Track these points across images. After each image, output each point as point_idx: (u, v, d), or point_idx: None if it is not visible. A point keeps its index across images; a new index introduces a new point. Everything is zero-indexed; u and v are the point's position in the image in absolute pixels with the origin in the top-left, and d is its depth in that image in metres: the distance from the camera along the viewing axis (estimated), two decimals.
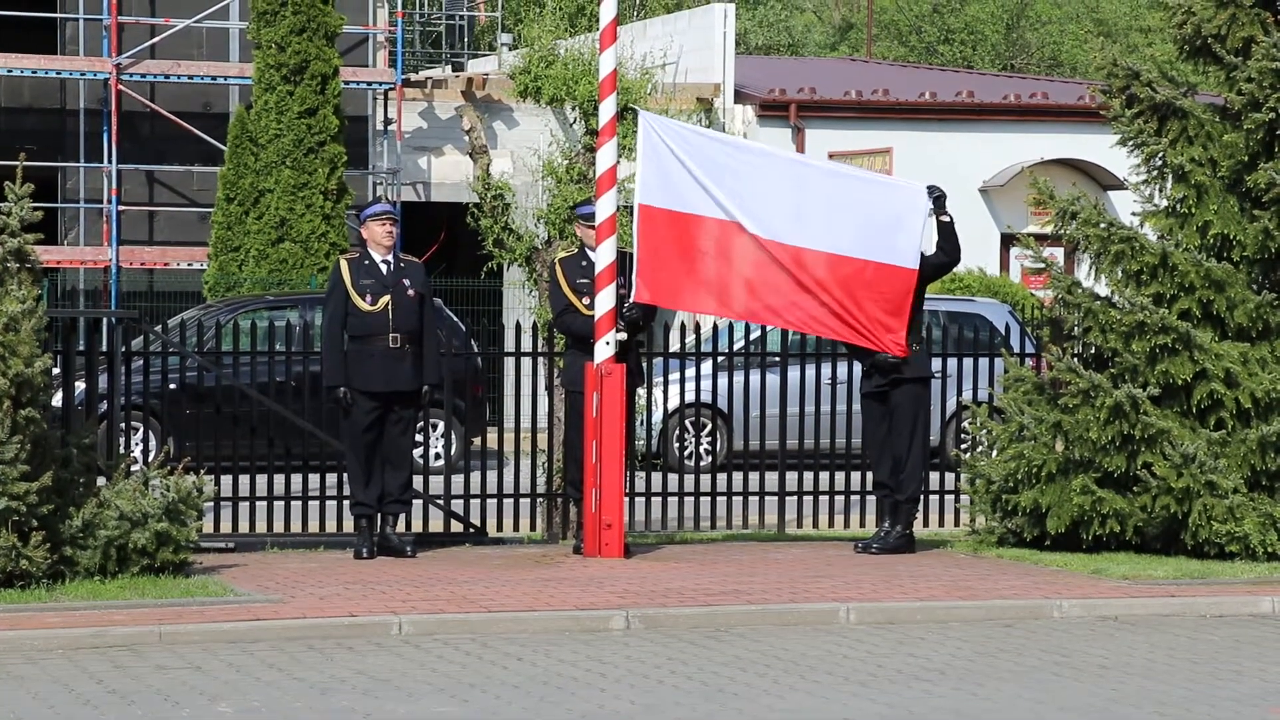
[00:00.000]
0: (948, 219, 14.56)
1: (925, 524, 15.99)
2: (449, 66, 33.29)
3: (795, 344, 17.93)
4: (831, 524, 16.24)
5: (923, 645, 11.15)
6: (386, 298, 13.94)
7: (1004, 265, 30.62)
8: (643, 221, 13.93)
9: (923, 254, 14.84)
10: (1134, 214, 14.99)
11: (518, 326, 15.85)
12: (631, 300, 14.01)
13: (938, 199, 14.52)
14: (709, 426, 21.65)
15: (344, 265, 14.04)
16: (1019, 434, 14.56)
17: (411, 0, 35.05)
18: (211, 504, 14.26)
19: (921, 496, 15.30)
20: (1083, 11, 59.53)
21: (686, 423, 21.44)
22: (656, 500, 16.04)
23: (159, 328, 16.85)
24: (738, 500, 16.13)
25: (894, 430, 14.59)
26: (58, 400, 13.51)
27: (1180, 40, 14.88)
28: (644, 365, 15.44)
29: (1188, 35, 14.80)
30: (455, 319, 21.60)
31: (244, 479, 15.00)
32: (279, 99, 25.92)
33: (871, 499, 15.74)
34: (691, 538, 15.58)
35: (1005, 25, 59.39)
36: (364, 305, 13.94)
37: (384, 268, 14.03)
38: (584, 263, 14.21)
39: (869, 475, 15.45)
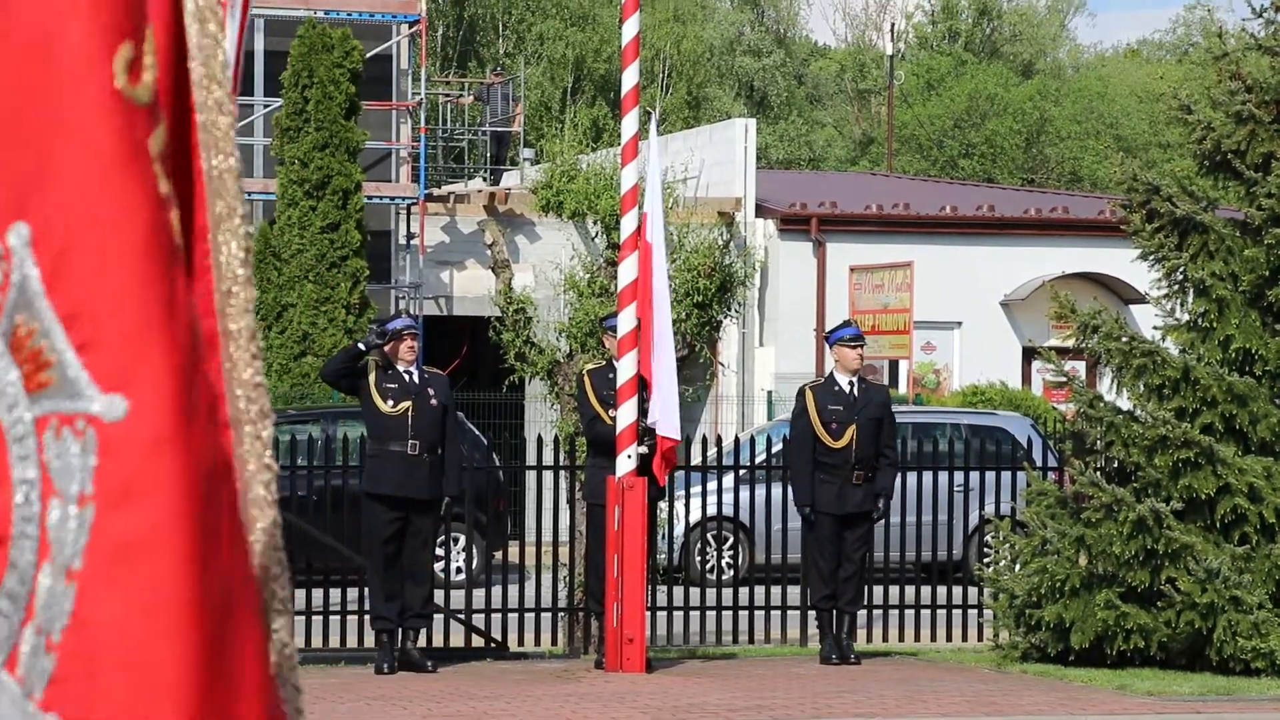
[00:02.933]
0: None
1: (949, 639, 15.90)
2: (482, 178, 33.47)
3: None
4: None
5: None
6: (408, 403, 13.97)
7: (1026, 378, 30.59)
8: (646, 231, 14.07)
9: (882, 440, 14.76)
10: (1155, 328, 15.00)
11: (539, 440, 15.85)
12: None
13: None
14: (730, 540, 21.59)
15: (371, 363, 14.07)
16: (1042, 548, 14.50)
17: (434, 116, 35.28)
18: None
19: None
20: (1102, 127, 59.82)
21: (708, 536, 21.37)
22: (678, 614, 15.98)
23: None
24: (760, 614, 16.06)
25: (861, 544, 14.63)
26: None
27: (1200, 155, 14.93)
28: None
29: (1207, 151, 14.85)
30: (477, 432, 21.60)
31: None
32: (302, 214, 26.08)
33: (894, 613, 15.66)
34: (714, 652, 15.50)
35: (1025, 140, 59.66)
36: (384, 407, 13.96)
37: (408, 377, 14.09)
38: (611, 375, 14.25)
39: (892, 589, 15.38)
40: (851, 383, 14.68)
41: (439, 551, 15.91)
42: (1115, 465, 14.66)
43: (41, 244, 1.82)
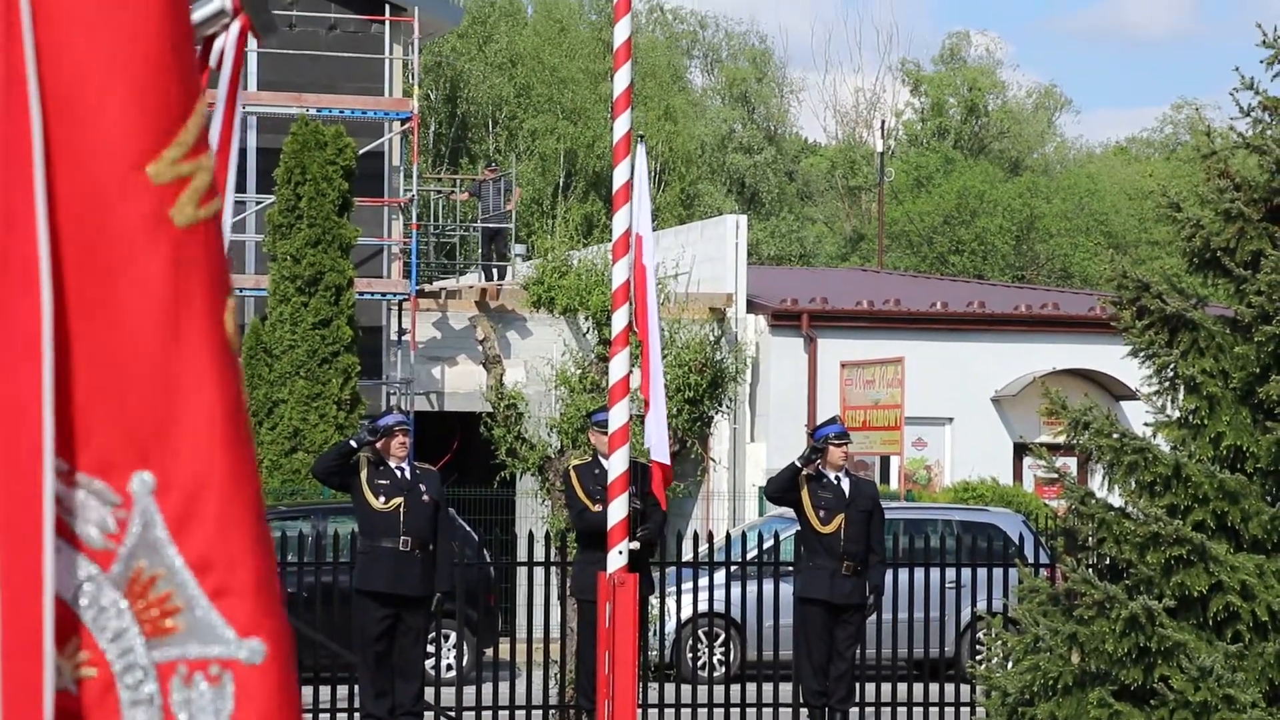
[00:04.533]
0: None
1: None
2: (483, 273, 33.56)
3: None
4: None
5: None
6: (399, 499, 13.97)
7: (1017, 475, 30.58)
8: (640, 251, 14.15)
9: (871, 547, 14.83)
10: (1146, 424, 15.01)
11: (530, 536, 15.83)
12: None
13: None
14: (722, 637, 21.51)
15: (362, 459, 14.06)
16: (1034, 645, 14.46)
17: (426, 212, 35.40)
18: None
19: None
20: (1091, 224, 60.06)
21: (699, 633, 21.31)
22: (670, 711, 15.91)
23: None
24: (751, 711, 15.99)
25: (852, 641, 14.62)
26: None
27: (1189, 253, 14.97)
28: (655, 575, 15.40)
29: (1197, 248, 14.90)
30: (468, 528, 21.57)
31: None
32: (294, 310, 26.11)
33: (886, 710, 15.58)
34: None
35: (1015, 237, 59.89)
36: (376, 504, 13.95)
37: (400, 473, 14.08)
38: (597, 470, 14.26)
39: (884, 686, 15.32)
40: (838, 477, 14.80)
41: (430, 648, 15.85)
42: (1107, 562, 14.63)
43: (166, 492, 1.87)
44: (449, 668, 19.60)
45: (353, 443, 14.06)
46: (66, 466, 1.86)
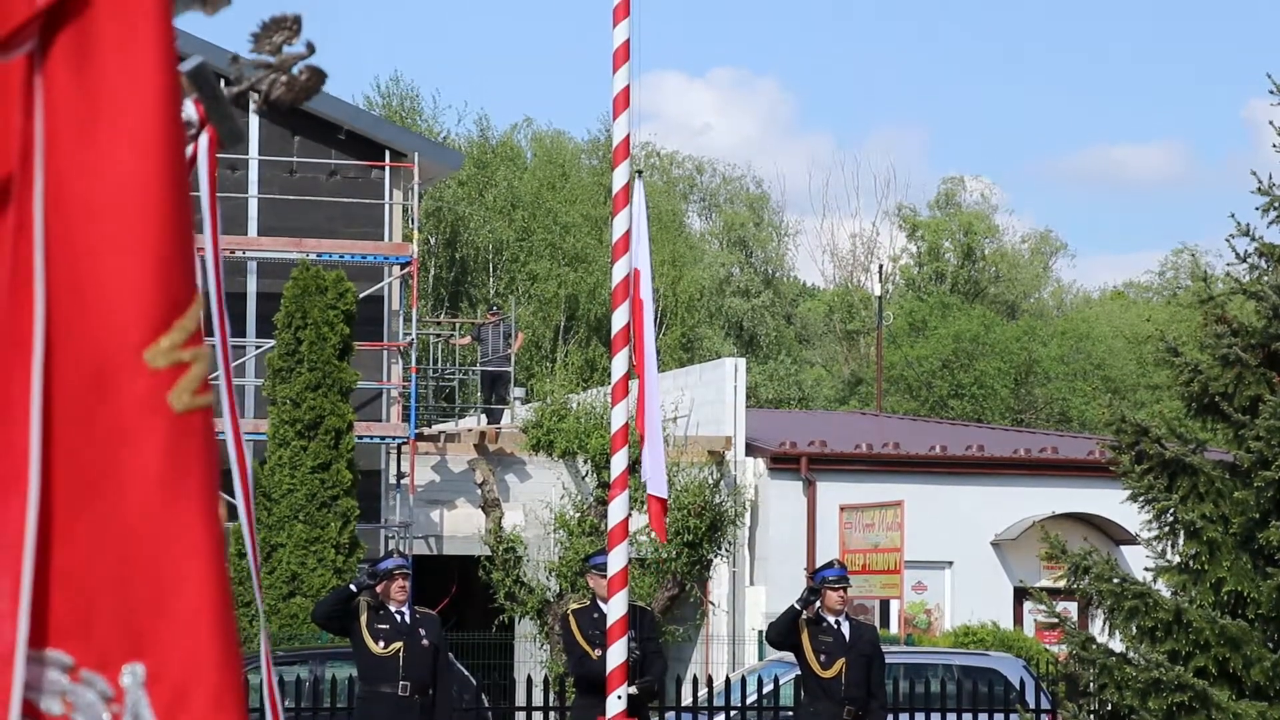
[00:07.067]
0: None
1: None
2: (483, 415, 33.57)
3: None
4: None
5: None
6: (399, 644, 13.91)
7: (1017, 619, 30.46)
8: (640, 286, 14.16)
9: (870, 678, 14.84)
10: (1147, 569, 14.98)
11: (529, 680, 15.75)
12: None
13: None
14: None
15: (362, 603, 14.02)
16: None
17: (425, 355, 35.49)
18: None
19: None
20: (1089, 368, 60.18)
21: None
22: None
23: None
24: None
25: None
26: None
27: (1188, 398, 15.01)
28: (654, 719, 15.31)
29: (1195, 393, 14.94)
30: (466, 673, 21.45)
31: None
32: (293, 454, 26.10)
33: None
34: None
35: (1014, 381, 59.97)
36: (375, 648, 13.89)
37: (399, 617, 14.04)
38: (595, 614, 14.21)
39: None
40: (839, 621, 14.78)
41: None
42: (1109, 708, 14.55)
43: (156, 683, 1.85)
44: None
45: (353, 587, 14.03)
46: (71, 662, 1.84)
